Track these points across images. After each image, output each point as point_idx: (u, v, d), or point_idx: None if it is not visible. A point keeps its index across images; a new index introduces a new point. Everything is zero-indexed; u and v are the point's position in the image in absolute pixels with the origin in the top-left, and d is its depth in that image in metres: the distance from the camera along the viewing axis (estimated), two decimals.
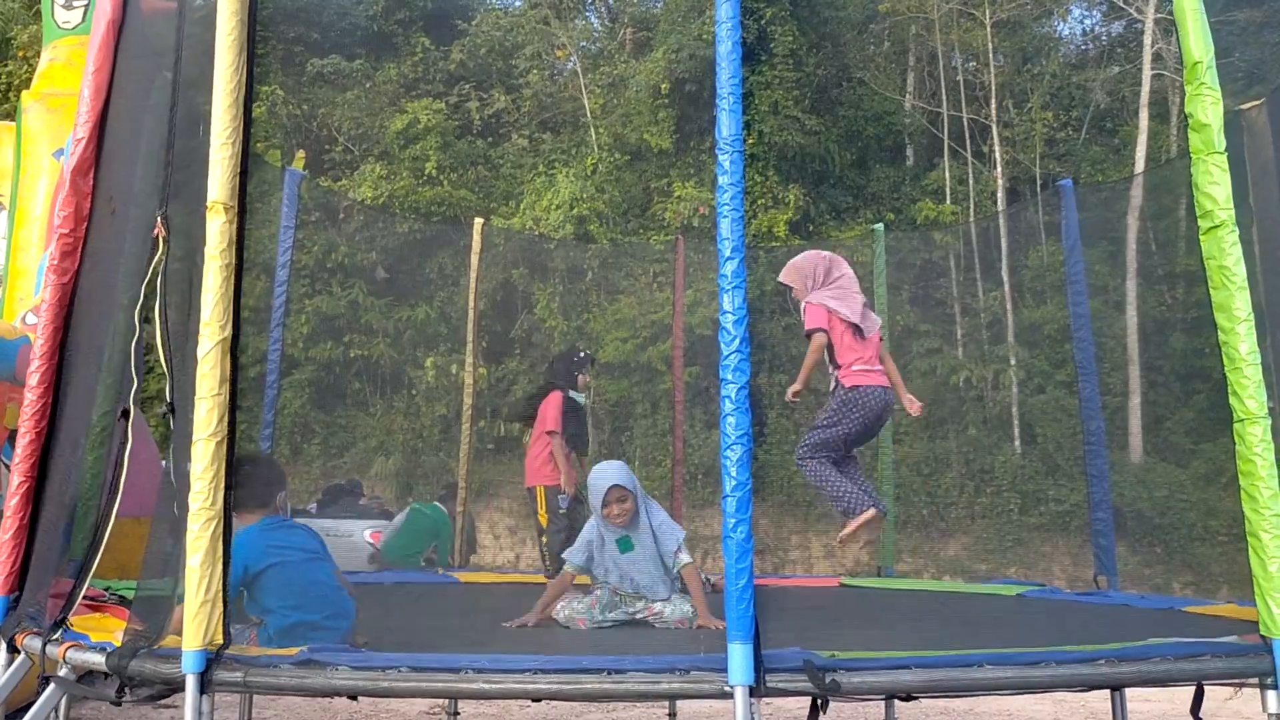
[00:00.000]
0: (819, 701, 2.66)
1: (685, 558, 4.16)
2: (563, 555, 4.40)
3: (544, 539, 5.80)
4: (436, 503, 8.92)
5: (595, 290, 16.75)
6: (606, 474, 4.25)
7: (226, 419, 2.72)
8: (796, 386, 4.75)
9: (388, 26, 19.77)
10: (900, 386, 4.96)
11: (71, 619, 3.24)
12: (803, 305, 4.87)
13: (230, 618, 2.91)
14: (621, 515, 4.11)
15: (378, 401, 17.11)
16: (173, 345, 3.07)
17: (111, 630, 3.16)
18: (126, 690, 2.79)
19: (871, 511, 4.63)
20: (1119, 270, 15.76)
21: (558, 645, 3.81)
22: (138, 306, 3.26)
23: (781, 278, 5.06)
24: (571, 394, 5.95)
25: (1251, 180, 4.21)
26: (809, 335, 4.81)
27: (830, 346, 4.78)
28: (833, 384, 4.84)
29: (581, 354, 6.20)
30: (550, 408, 5.90)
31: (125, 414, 3.29)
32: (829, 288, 4.84)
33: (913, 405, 4.90)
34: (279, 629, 3.32)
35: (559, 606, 4.21)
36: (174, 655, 2.68)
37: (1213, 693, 3.11)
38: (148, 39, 3.72)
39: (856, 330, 4.78)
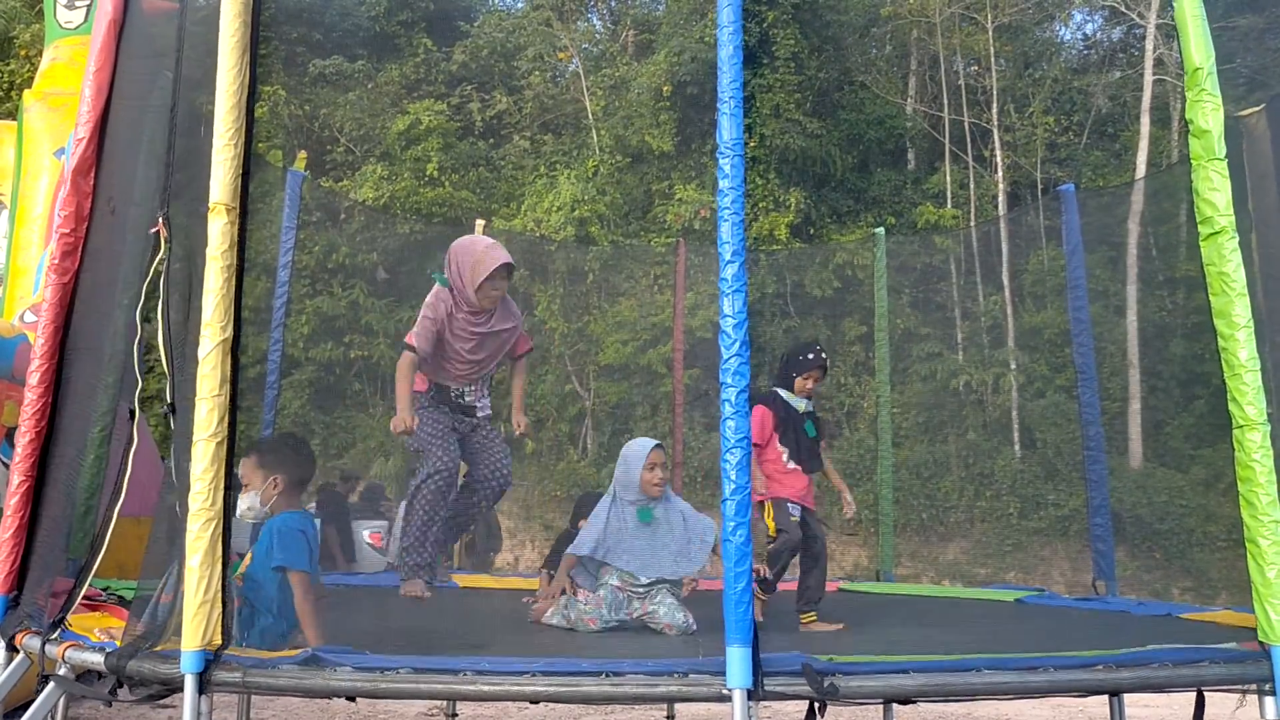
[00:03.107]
0: (817, 705, 2.66)
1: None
2: (570, 550, 4.26)
3: (769, 547, 4.73)
4: None
5: (596, 292, 16.76)
6: (646, 441, 4.18)
7: (227, 420, 2.72)
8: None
9: (390, 27, 19.79)
10: None
11: (70, 618, 3.24)
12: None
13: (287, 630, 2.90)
14: (659, 484, 4.03)
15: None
16: (173, 345, 3.07)
17: (110, 629, 3.16)
18: (120, 689, 2.79)
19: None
20: (1119, 275, 15.76)
21: (557, 648, 3.81)
22: (139, 306, 3.26)
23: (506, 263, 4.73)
24: (783, 394, 4.86)
25: (1250, 187, 4.21)
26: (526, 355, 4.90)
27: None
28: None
29: (810, 354, 4.90)
30: (756, 420, 4.74)
31: (132, 414, 3.29)
32: None
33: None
34: (264, 627, 3.19)
35: (562, 611, 4.15)
36: (173, 655, 2.68)
37: (1218, 701, 3.10)
38: (149, 39, 3.72)
39: None
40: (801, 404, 4.84)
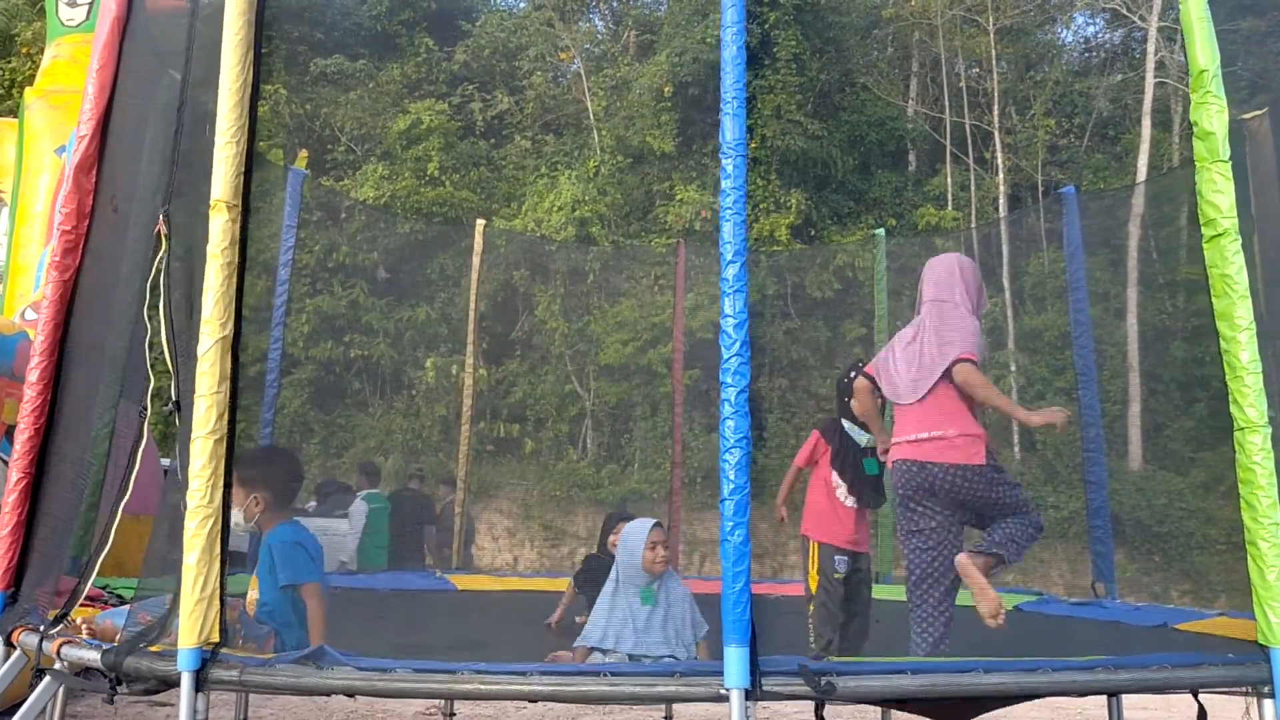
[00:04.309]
0: (816, 706, 2.65)
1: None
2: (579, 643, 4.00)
3: (810, 606, 4.71)
4: (375, 491, 8.98)
5: (596, 293, 16.76)
6: (646, 522, 4.09)
7: (226, 417, 2.72)
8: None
9: (391, 27, 19.79)
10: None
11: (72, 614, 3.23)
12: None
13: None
14: (661, 562, 3.94)
15: (377, 401, 17.11)
16: (177, 343, 3.07)
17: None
18: (120, 686, 2.78)
19: None
20: (1120, 278, 15.77)
21: (555, 648, 3.81)
22: (146, 304, 3.25)
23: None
24: (845, 426, 4.78)
25: (1253, 189, 4.21)
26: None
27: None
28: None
29: (852, 372, 4.75)
30: (808, 444, 4.91)
31: (142, 413, 3.28)
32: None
33: None
34: (296, 643, 3.15)
35: None
36: (170, 653, 2.67)
37: (1218, 705, 3.10)
38: (152, 38, 3.72)
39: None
40: (864, 438, 4.67)
